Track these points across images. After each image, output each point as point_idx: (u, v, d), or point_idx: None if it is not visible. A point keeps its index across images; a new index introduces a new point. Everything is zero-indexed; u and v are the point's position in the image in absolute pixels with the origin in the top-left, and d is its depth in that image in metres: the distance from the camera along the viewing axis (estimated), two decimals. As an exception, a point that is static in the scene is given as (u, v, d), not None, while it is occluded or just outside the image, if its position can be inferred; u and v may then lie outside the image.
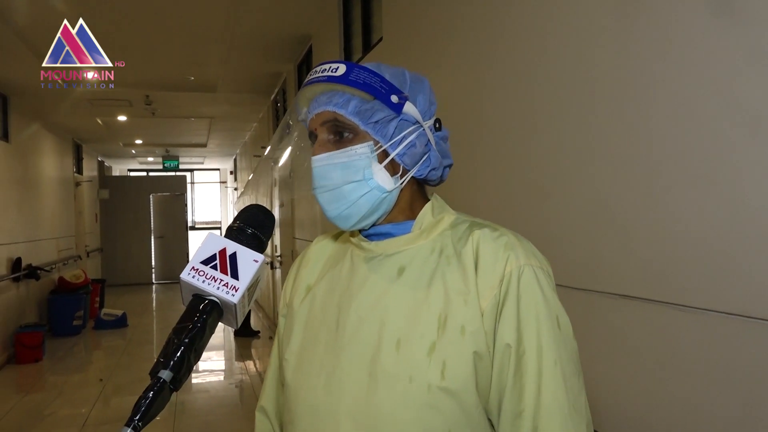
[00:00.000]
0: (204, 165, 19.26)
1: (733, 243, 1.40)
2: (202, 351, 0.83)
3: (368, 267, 1.03)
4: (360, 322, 0.99)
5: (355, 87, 0.98)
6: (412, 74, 1.05)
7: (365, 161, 0.98)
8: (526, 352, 0.91)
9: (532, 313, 0.92)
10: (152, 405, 0.76)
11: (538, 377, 0.90)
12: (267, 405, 1.20)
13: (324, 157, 1.00)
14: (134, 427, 0.74)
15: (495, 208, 2.42)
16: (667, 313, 1.57)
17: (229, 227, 0.93)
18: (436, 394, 0.91)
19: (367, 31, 4.55)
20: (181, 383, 0.80)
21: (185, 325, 0.82)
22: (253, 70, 7.63)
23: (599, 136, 1.84)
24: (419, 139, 1.01)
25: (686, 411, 1.54)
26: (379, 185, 0.98)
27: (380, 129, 0.99)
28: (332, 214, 1.01)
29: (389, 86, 0.99)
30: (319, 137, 1.01)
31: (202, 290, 0.85)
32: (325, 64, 1.01)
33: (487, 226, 1.00)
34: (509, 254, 0.95)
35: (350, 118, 0.98)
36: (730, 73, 1.41)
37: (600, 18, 1.83)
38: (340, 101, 0.98)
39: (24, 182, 8.46)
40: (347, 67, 0.99)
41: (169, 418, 5.12)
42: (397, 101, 0.99)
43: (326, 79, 0.99)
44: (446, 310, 0.94)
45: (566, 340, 0.94)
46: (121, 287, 13.91)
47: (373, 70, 1.00)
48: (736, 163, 1.40)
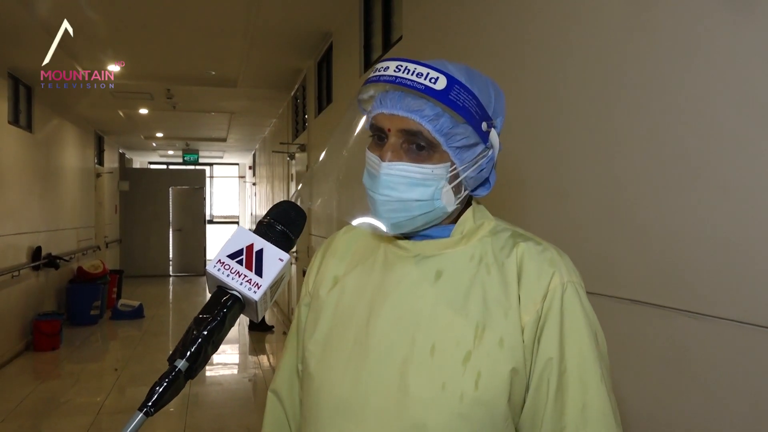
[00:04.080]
0: (223, 159, 19.37)
1: (749, 251, 1.38)
2: (220, 343, 0.85)
3: (405, 266, 1.01)
4: (393, 322, 0.97)
5: (452, 109, 0.91)
6: (494, 87, 1.00)
7: (439, 183, 0.95)
8: (567, 369, 0.91)
9: (575, 331, 0.92)
10: (166, 392, 0.78)
11: (583, 395, 0.90)
12: (281, 389, 1.18)
13: (399, 167, 0.94)
14: (146, 412, 0.76)
15: (509, 209, 2.41)
16: (679, 320, 1.56)
17: (260, 222, 0.93)
18: (468, 404, 0.90)
19: (388, 29, 4.54)
20: (197, 372, 0.82)
21: (206, 317, 0.83)
22: (274, 66, 7.65)
23: (615, 139, 1.83)
24: (488, 163, 0.98)
25: (695, 419, 1.53)
26: (443, 206, 0.96)
27: (461, 153, 0.95)
28: (385, 220, 0.97)
29: (482, 112, 0.94)
30: (392, 140, 0.95)
31: (225, 284, 0.86)
32: (419, 66, 0.93)
33: (531, 240, 1.00)
34: (554, 271, 0.95)
35: (436, 136, 0.92)
36: (749, 74, 1.39)
37: (619, 18, 1.81)
38: (431, 115, 0.91)
39: (46, 172, 8.56)
40: (448, 82, 0.91)
41: (182, 410, 5.17)
42: (486, 129, 0.95)
43: (423, 89, 0.91)
44: (484, 320, 0.93)
45: (603, 357, 0.95)
46: (138, 278, 14.04)
47: (470, 90, 0.93)
48: (755, 169, 1.38)
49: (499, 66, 2.60)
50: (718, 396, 1.46)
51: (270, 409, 1.19)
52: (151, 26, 6.02)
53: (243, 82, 8.25)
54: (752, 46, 1.38)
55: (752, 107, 1.38)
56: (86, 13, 5.12)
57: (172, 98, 9.28)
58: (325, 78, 6.66)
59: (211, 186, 19.93)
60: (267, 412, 1.20)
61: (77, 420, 5.01)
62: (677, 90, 1.59)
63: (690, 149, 1.54)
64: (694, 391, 1.53)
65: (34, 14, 5.42)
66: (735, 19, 1.42)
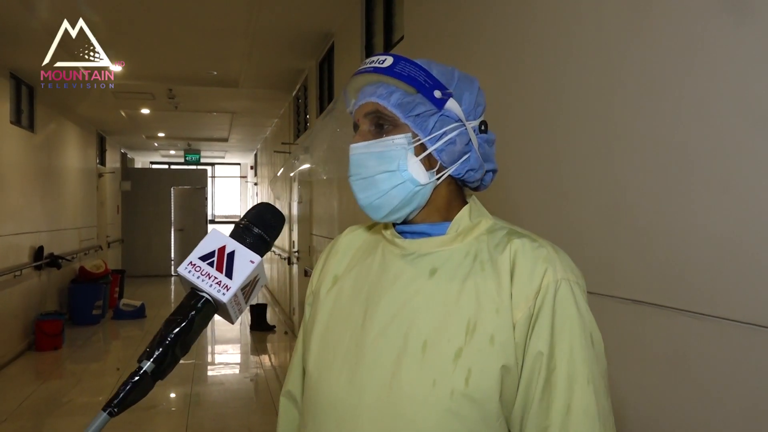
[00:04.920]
0: (225, 159, 19.39)
1: (750, 251, 1.38)
2: (191, 344, 0.85)
3: (400, 264, 1.02)
4: (388, 319, 0.98)
5: (398, 79, 0.98)
6: (462, 73, 1.05)
7: (401, 152, 0.98)
8: (557, 367, 0.90)
9: (567, 329, 0.91)
10: (131, 393, 0.79)
11: (569, 394, 0.88)
12: (294, 389, 1.18)
13: (362, 145, 1.01)
14: (110, 412, 0.78)
15: (511, 208, 2.41)
16: (680, 321, 1.56)
17: (236, 224, 0.94)
18: (458, 401, 0.90)
19: (389, 29, 4.55)
20: (165, 374, 0.82)
21: (175, 318, 0.84)
22: (275, 67, 7.66)
23: (616, 139, 1.83)
24: (460, 137, 1.00)
25: (696, 419, 1.53)
26: (413, 177, 0.98)
27: (420, 122, 0.99)
28: (364, 202, 1.02)
29: (434, 81, 0.99)
30: (361, 128, 1.02)
31: (195, 285, 0.86)
32: (374, 56, 1.02)
33: (526, 236, 0.99)
34: (547, 267, 0.94)
35: (391, 109, 0.99)
36: (749, 74, 1.39)
37: (621, 19, 1.81)
38: (384, 93, 0.99)
39: (48, 172, 8.58)
40: (394, 60, 1.00)
41: (183, 410, 5.18)
42: (440, 97, 0.99)
43: (372, 70, 1.00)
44: (476, 317, 0.93)
45: (599, 358, 0.93)
46: (140, 278, 14.06)
47: (419, 64, 1.00)
48: (756, 168, 1.38)
49: (500, 65, 2.60)
50: (718, 395, 1.46)
51: (283, 411, 1.20)
52: (153, 26, 6.03)
53: (245, 83, 8.26)
54: (751, 47, 1.38)
55: (752, 107, 1.38)
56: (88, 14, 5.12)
57: (173, 98, 9.30)
58: (326, 78, 6.66)
59: (212, 186, 19.95)
60: (280, 415, 1.20)
61: (79, 420, 5.01)
62: (678, 90, 1.59)
63: (691, 149, 1.54)
64: (695, 391, 1.53)
65: (34, 15, 5.42)
66: (734, 20, 1.42)
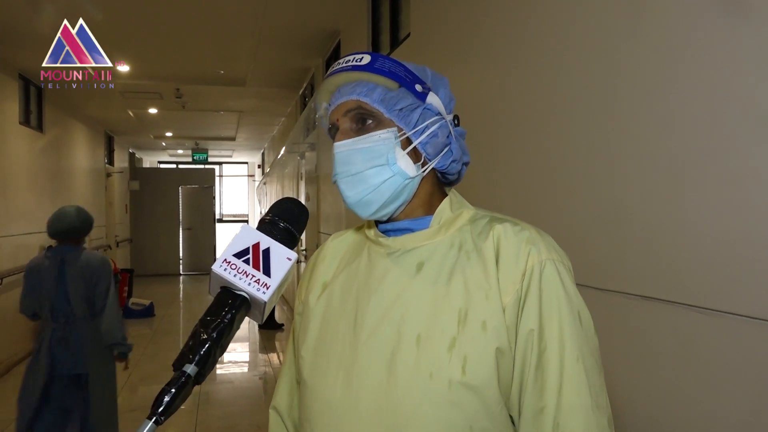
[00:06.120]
0: (232, 158, 19.45)
1: (756, 246, 1.38)
2: (228, 345, 0.82)
3: (387, 262, 1.02)
4: (379, 318, 0.98)
5: (380, 75, 0.99)
6: (432, 71, 1.06)
7: (389, 146, 0.98)
8: (547, 347, 0.90)
9: (554, 308, 0.91)
10: (176, 399, 0.74)
11: (560, 373, 0.89)
12: (279, 404, 1.18)
13: (348, 142, 0.99)
14: (156, 420, 0.72)
15: (516, 206, 2.41)
16: (686, 315, 1.56)
17: (261, 219, 0.91)
18: (457, 390, 0.90)
19: (395, 27, 4.55)
20: (205, 377, 0.79)
21: (213, 319, 0.79)
22: (282, 65, 7.67)
23: (621, 137, 1.82)
24: (441, 130, 1.01)
25: (701, 413, 1.52)
26: (402, 170, 0.98)
27: (404, 116, 0.99)
28: (353, 200, 1.00)
29: (413, 75, 1.01)
30: (342, 126, 1.01)
31: (232, 284, 0.82)
32: (349, 56, 1.02)
33: (507, 221, 0.99)
34: (531, 249, 0.94)
35: (375, 105, 0.98)
36: (749, 75, 1.38)
37: (619, 19, 1.81)
38: (365, 90, 0.99)
39: (57, 172, 8.63)
40: (372, 57, 1.00)
41: (192, 408, 5.20)
42: (422, 90, 1.00)
43: (351, 68, 1.00)
44: (467, 305, 0.93)
45: (588, 335, 0.93)
46: (149, 277, 14.12)
47: (396, 60, 1.01)
48: (757, 165, 1.37)
49: (504, 63, 2.60)
50: (726, 389, 1.46)
51: (273, 423, 1.20)
52: (160, 26, 6.05)
53: (252, 81, 8.28)
54: (748, 49, 1.39)
55: (752, 108, 1.38)
56: (95, 14, 5.14)
57: (181, 98, 9.33)
58: (333, 77, 6.66)
59: (220, 185, 20.01)
60: (270, 428, 1.20)
61: (89, 418, 5.03)
62: (678, 90, 1.59)
63: (693, 147, 1.54)
64: (702, 385, 1.53)
65: (42, 15, 5.45)
66: (731, 23, 1.43)
